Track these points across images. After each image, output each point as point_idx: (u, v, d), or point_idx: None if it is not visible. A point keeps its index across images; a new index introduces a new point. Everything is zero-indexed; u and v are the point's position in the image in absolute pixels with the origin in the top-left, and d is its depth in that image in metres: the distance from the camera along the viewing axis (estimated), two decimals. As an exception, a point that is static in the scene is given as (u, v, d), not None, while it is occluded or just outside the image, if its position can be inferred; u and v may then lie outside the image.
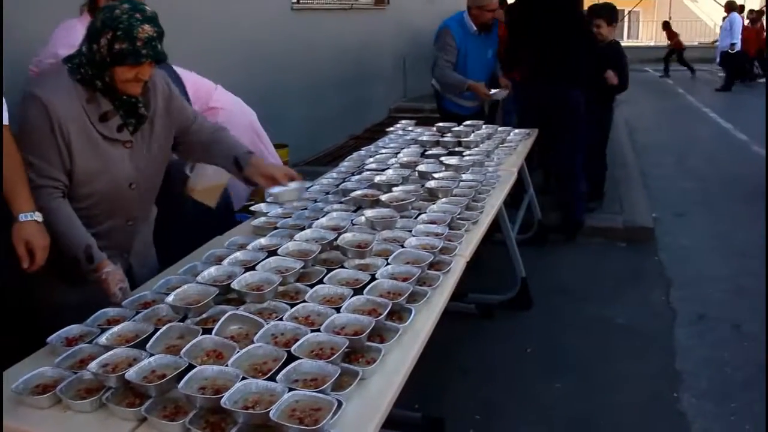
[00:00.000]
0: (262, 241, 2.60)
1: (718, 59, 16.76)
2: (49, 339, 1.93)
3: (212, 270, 2.28)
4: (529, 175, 5.14)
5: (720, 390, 3.52)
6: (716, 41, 15.64)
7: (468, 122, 4.76)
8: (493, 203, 3.29)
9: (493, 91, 5.47)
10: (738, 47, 15.71)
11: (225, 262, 2.37)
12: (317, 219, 2.79)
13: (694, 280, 4.93)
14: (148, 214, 2.66)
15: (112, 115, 2.28)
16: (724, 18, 16.62)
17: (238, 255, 2.46)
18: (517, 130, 4.86)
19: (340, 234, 2.57)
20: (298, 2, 7.28)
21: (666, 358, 3.85)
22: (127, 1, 2.19)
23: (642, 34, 29.52)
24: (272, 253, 2.46)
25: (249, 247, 2.55)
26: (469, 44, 5.45)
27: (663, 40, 21.17)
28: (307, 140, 7.24)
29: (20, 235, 2.11)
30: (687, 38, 20.82)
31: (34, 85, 2.25)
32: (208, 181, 3.18)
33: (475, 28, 5.41)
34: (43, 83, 2.26)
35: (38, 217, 2.15)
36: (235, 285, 2.14)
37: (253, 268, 2.31)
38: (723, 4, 17.05)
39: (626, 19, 26.01)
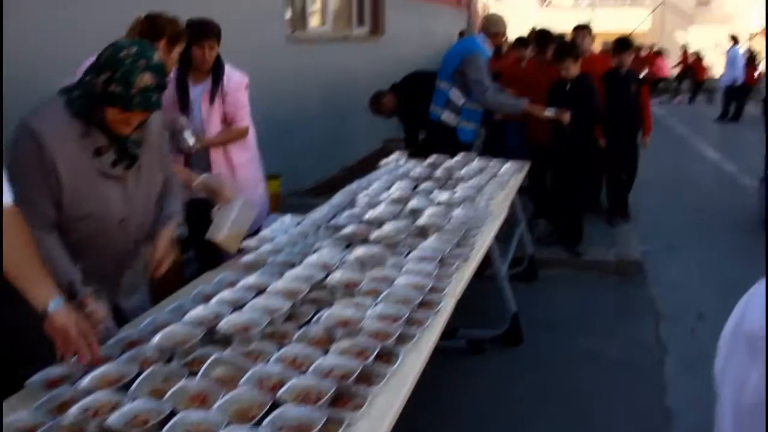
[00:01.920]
0: (250, 279, 2.58)
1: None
2: (28, 382, 1.89)
3: (200, 309, 2.27)
4: (521, 209, 5.14)
5: (710, 427, 3.47)
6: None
7: (460, 155, 4.76)
8: (484, 240, 3.28)
9: (548, 110, 5.54)
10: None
11: (212, 301, 2.36)
12: (307, 256, 2.78)
13: (684, 315, 4.91)
14: (140, 250, 2.60)
15: (106, 150, 2.24)
16: (728, 51, 16.64)
17: (226, 294, 2.44)
18: (508, 164, 4.87)
19: (329, 273, 2.57)
20: (292, 33, 7.31)
21: (656, 393, 3.83)
22: (137, 44, 2.16)
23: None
24: (261, 291, 2.45)
25: (237, 286, 2.54)
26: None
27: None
28: (299, 171, 7.22)
29: (56, 327, 1.91)
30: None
31: (29, 116, 2.19)
32: (230, 229, 3.07)
33: (489, 54, 5.46)
34: (39, 115, 2.20)
35: (63, 298, 1.98)
36: (222, 326, 2.12)
37: (241, 308, 2.29)
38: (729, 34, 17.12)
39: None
